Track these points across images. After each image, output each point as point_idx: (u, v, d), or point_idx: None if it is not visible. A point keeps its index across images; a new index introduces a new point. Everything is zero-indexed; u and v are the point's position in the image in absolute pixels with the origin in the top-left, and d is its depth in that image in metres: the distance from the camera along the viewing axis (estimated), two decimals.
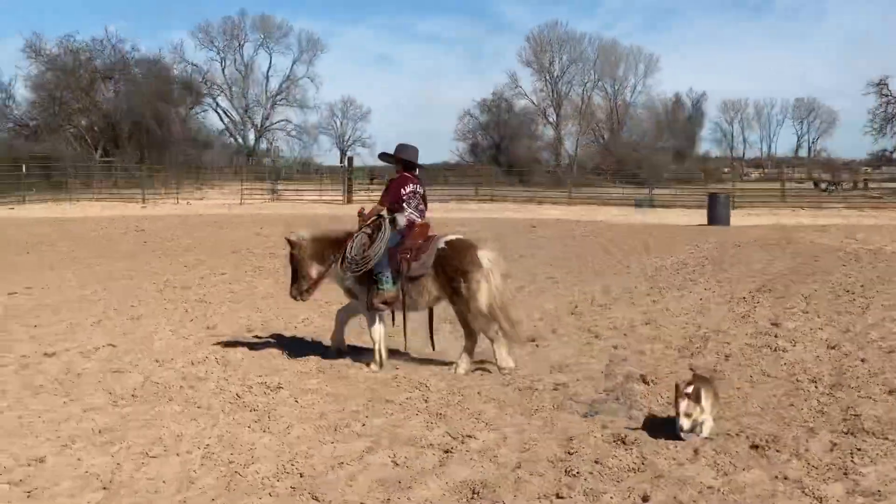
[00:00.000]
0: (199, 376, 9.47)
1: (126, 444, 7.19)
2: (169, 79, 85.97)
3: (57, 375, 9.52)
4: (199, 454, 6.96)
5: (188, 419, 7.92)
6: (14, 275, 18.51)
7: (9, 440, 7.25)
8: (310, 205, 53.48)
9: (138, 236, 29.01)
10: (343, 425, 7.74)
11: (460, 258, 10.05)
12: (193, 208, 48.96)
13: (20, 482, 6.32)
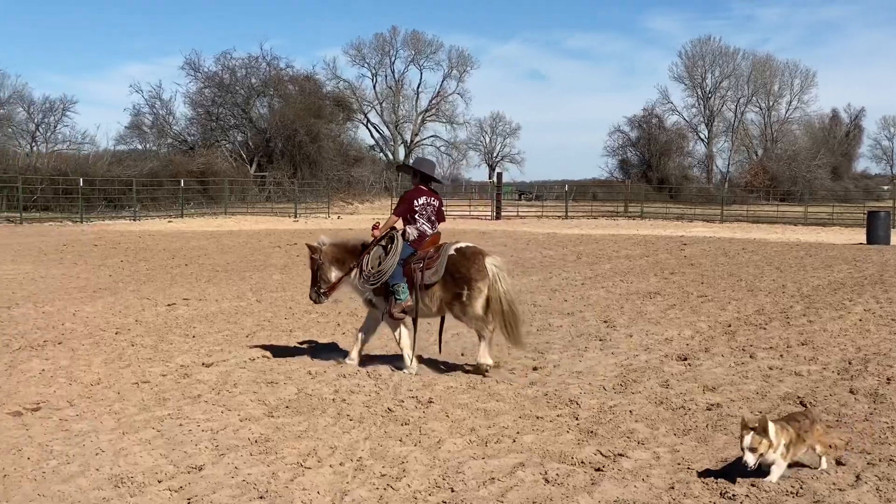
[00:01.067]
0: (351, 389, 9.57)
1: (281, 454, 7.30)
2: (321, 95, 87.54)
3: (214, 385, 9.74)
4: (352, 466, 7.02)
5: (341, 431, 8.00)
6: (174, 286, 19.06)
7: (169, 447, 7.44)
8: (459, 220, 53.70)
9: (290, 250, 29.53)
10: (494, 441, 7.71)
11: (468, 266, 10.62)
12: (344, 223, 49.75)
13: (180, 489, 6.46)
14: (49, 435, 7.85)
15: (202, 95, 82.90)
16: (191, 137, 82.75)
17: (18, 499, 6.23)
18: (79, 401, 9.06)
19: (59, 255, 27.61)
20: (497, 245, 31.12)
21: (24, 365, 10.76)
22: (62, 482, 6.58)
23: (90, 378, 10.04)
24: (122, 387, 9.65)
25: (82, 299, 16.98)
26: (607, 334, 13.07)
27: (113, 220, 51.07)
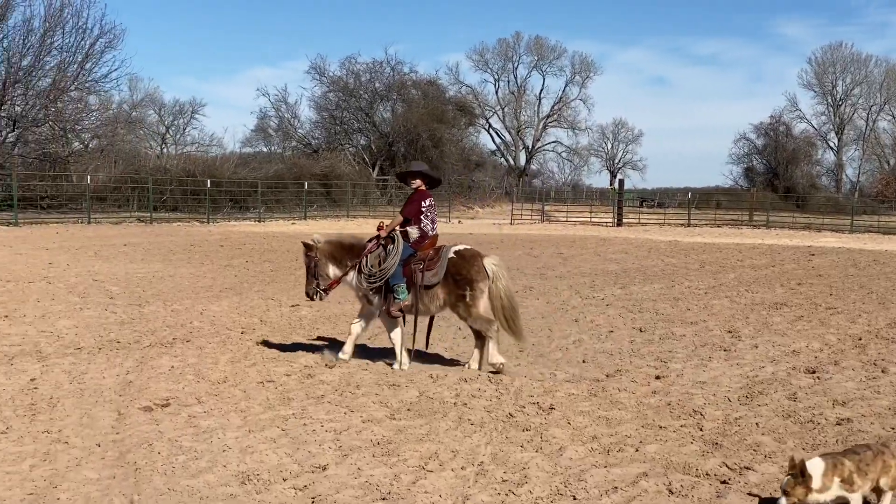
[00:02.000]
0: (472, 394, 9.59)
1: (403, 456, 7.35)
2: (444, 100, 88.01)
3: (337, 386, 9.86)
4: (474, 471, 7.03)
5: (462, 435, 8.02)
6: (297, 288, 19.28)
7: (294, 447, 7.55)
8: (580, 227, 53.47)
9: None
10: (616, 449, 7.65)
11: (468, 267, 11.08)
12: (464, 227, 49.91)
13: (304, 488, 6.55)
14: (178, 431, 8.04)
15: (327, 99, 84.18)
16: (315, 141, 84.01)
17: (149, 492, 6.39)
18: (206, 398, 9.25)
19: (187, 254, 28.24)
20: (618, 252, 30.92)
21: (155, 361, 11.03)
22: (191, 477, 6.73)
23: (217, 376, 10.25)
24: (247, 385, 9.83)
25: (209, 298, 17.34)
26: (732, 345, 12.85)
27: (238, 221, 52.09)
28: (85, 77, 52.70)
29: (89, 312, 15.24)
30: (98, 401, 9.14)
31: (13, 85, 49.86)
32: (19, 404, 8.94)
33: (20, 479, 6.69)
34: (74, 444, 7.62)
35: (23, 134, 51.99)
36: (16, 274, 21.08)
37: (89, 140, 58.32)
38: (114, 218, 47.76)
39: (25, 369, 10.54)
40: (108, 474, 6.84)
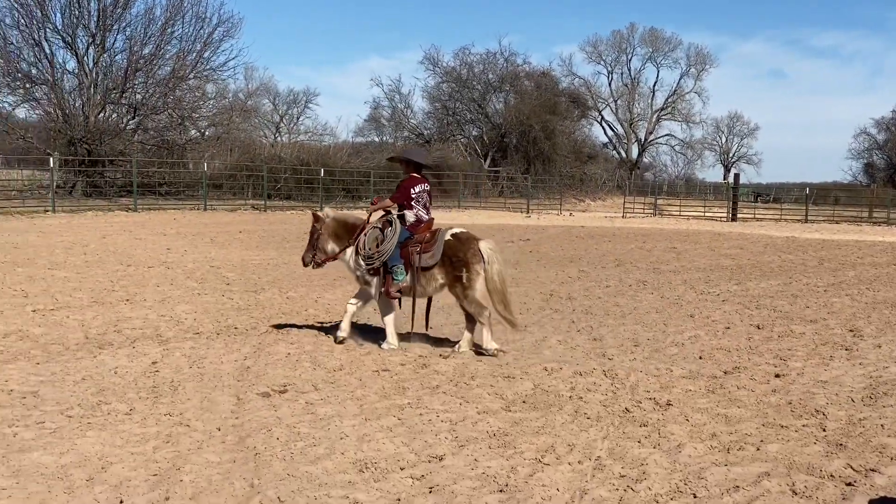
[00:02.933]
0: (587, 387, 9.49)
1: (519, 448, 7.32)
2: (557, 91, 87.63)
3: (452, 377, 9.85)
4: (591, 465, 6.97)
5: (578, 429, 7.95)
6: None
7: (410, 436, 7.57)
8: (693, 221, 52.78)
9: (523, 245, 29.64)
10: (736, 448, 7.50)
11: (464, 250, 11.38)
12: (576, 220, 49.63)
13: (422, 477, 6.56)
14: (296, 417, 8.12)
15: (440, 90, 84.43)
16: (427, 131, 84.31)
17: (269, 477, 6.46)
18: (323, 385, 9.33)
19: (301, 242, 28.48)
20: (733, 248, 30.39)
21: (272, 348, 11.17)
22: (310, 464, 6.79)
23: (333, 363, 10.33)
24: (363, 374, 9.89)
25: (323, 286, 17.52)
26: (854, 344, 12.52)
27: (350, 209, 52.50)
28: (203, 66, 53.63)
29: (207, 298, 15.51)
30: (217, 385, 9.29)
31: (134, 73, 50.93)
32: (142, 387, 9.13)
33: (144, 461, 6.82)
34: (196, 428, 7.75)
35: (142, 121, 53.14)
36: (136, 259, 21.56)
37: (205, 128, 59.35)
38: (229, 205, 48.56)
39: (147, 352, 10.77)
40: (229, 458, 6.94)
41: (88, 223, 34.30)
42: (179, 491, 6.16)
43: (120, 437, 7.41)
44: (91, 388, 9.00)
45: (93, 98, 49.68)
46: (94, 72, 50.24)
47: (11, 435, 7.43)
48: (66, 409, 8.24)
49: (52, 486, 6.23)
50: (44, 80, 49.90)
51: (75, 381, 9.28)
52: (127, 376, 9.55)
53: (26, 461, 6.72)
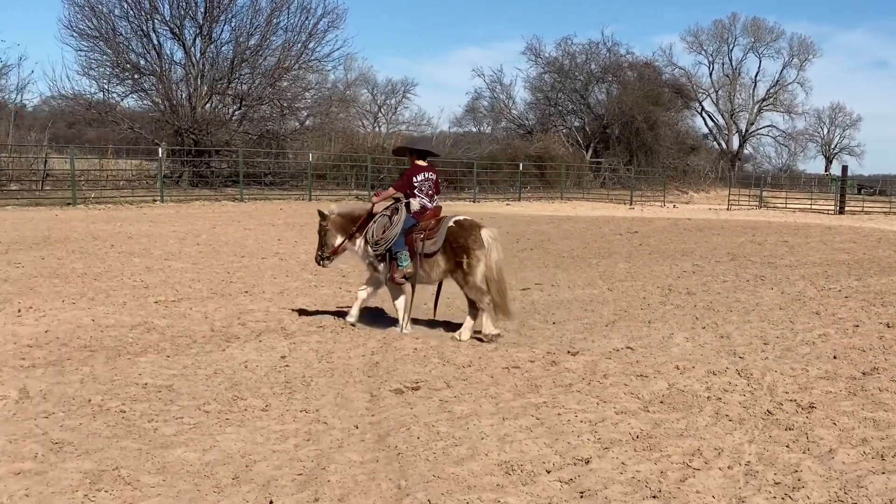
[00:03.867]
0: (723, 388, 9.21)
1: (665, 452, 7.10)
2: (660, 82, 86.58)
3: (584, 375, 9.65)
4: (741, 471, 6.72)
5: (723, 432, 7.70)
6: (523, 271, 19.28)
7: (552, 437, 7.39)
8: (799, 214, 51.73)
9: (632, 238, 29.27)
10: (891, 454, 7.17)
11: (465, 236, 11.72)
12: (680, 212, 48.99)
13: (570, 481, 6.38)
14: (433, 415, 8.00)
15: (542, 80, 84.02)
16: (528, 122, 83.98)
17: (415, 478, 6.34)
18: (455, 382, 9.20)
19: None
20: (845, 242, 29.61)
21: (398, 343, 11.09)
22: (454, 465, 6.65)
23: (461, 360, 10.20)
24: (493, 371, 9.73)
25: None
26: None
27: (453, 200, 52.46)
28: (308, 56, 54.03)
29: (325, 290, 15.53)
30: (349, 381, 9.22)
31: (240, 64, 51.55)
32: (274, 382, 9.11)
33: (288, 459, 6.76)
34: (333, 425, 7.68)
35: (247, 112, 53.72)
36: (249, 250, 21.73)
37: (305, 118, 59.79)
38: (333, 195, 48.79)
39: (274, 346, 10.77)
40: (371, 457, 6.85)
41: (197, 213, 34.74)
42: (328, 492, 6.07)
43: (260, 434, 7.37)
44: (224, 383, 9.00)
45: (199, 89, 50.42)
46: (201, 63, 51.00)
47: (152, 430, 7.43)
48: (203, 403, 8.24)
49: (199, 485, 6.19)
50: (152, 70, 50.78)
51: (207, 376, 9.29)
52: (258, 370, 9.54)
53: (170, 457, 6.71)
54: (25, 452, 6.70)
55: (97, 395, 8.35)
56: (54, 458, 6.63)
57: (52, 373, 9.19)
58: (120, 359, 9.96)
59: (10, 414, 7.72)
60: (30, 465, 6.47)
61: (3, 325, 11.42)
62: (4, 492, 5.91)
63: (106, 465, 6.46)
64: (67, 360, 9.87)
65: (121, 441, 7.07)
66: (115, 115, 51.06)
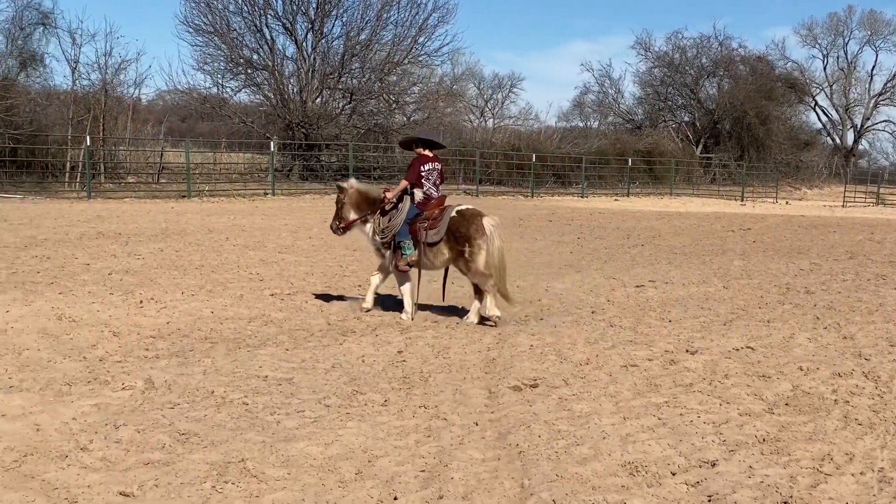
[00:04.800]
0: (850, 390, 8.96)
1: (794, 456, 6.91)
2: (773, 76, 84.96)
3: (703, 374, 9.47)
4: (875, 477, 6.52)
5: (853, 437, 7.48)
6: (635, 267, 19.05)
7: (676, 438, 7.25)
8: None
9: (745, 235, 28.77)
10: None
11: (467, 225, 12.17)
12: (793, 209, 48.02)
13: (697, 484, 6.26)
14: (552, 413, 7.92)
15: (651, 75, 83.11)
16: (637, 117, 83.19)
17: (539, 478, 6.28)
18: (573, 380, 9.11)
19: (518, 229, 28.46)
20: None
21: (513, 339, 11.03)
22: (577, 464, 6.58)
23: (579, 357, 10.09)
24: (611, 369, 9.61)
25: (550, 275, 17.33)
26: None
27: (561, 196, 52.26)
28: (417, 51, 54.18)
29: (436, 285, 15.52)
30: (466, 377, 9.19)
31: (350, 59, 51.95)
32: (392, 377, 9.13)
33: (410, 455, 6.76)
34: (453, 422, 7.65)
35: (356, 106, 54.09)
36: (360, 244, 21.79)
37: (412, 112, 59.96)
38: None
39: (390, 341, 10.80)
40: (492, 455, 6.80)
41: (307, 206, 35.11)
42: (452, 489, 6.05)
43: (381, 430, 7.37)
44: (343, 377, 9.04)
45: (310, 83, 50.93)
46: (312, 57, 51.54)
47: (275, 423, 7.49)
48: (323, 397, 8.28)
49: (323, 479, 6.21)
50: (264, 65, 51.44)
51: (326, 369, 9.35)
52: (375, 365, 9.57)
53: (294, 451, 6.74)
54: (154, 443, 6.81)
55: (220, 387, 8.46)
56: (181, 448, 6.72)
57: (176, 364, 9.34)
58: (240, 351, 10.09)
59: (138, 404, 7.85)
60: (158, 455, 6.57)
61: (126, 317, 11.65)
62: (135, 482, 6.00)
63: (231, 456, 6.52)
64: (189, 351, 10.04)
65: (245, 433, 7.13)
66: (227, 110, 51.93)
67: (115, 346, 10.17)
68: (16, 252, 18.22)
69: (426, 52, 54.90)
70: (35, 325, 10.86)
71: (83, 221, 25.97)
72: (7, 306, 11.82)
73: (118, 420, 7.34)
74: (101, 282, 14.01)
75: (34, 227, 23.63)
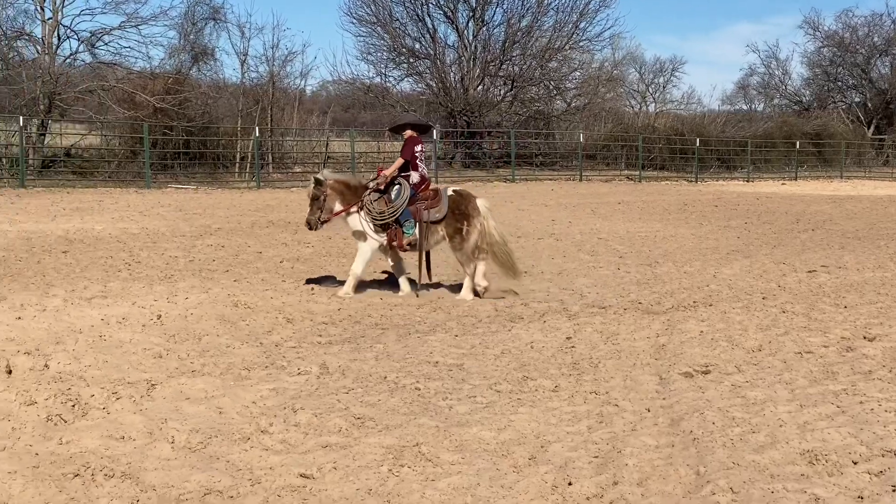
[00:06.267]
0: None
1: None
2: None
3: (883, 361, 9.16)
4: None
5: None
6: (805, 252, 18.58)
7: (856, 426, 6.98)
8: None
9: None
10: None
11: (466, 204, 12.94)
12: None
13: (880, 473, 6.03)
14: (726, 400, 7.79)
15: (820, 55, 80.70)
16: (804, 98, 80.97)
17: (715, 465, 6.18)
18: (745, 367, 8.94)
19: (683, 214, 28.11)
20: None
21: (682, 325, 10.88)
22: (753, 452, 6.45)
23: (750, 343, 9.89)
24: (785, 356, 9.39)
25: (718, 260, 17.05)
26: None
27: (725, 180, 51.34)
28: (579, 37, 53.97)
29: (603, 271, 15.46)
30: (636, 363, 9.12)
31: (511, 46, 52.05)
32: (562, 363, 9.12)
33: (582, 441, 6.74)
34: (625, 408, 7.60)
35: (518, 93, 54.14)
36: (524, 230, 21.90)
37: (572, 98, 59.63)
38: (603, 175, 48.69)
39: (558, 327, 10.79)
40: (666, 442, 6.74)
41: None
42: (626, 475, 6.01)
43: (552, 415, 7.38)
44: (512, 363, 9.08)
45: (472, 71, 51.22)
46: (474, 45, 51.84)
47: (447, 408, 7.57)
48: (494, 383, 8.32)
49: (497, 464, 6.25)
50: (426, 54, 52.05)
51: (495, 355, 9.39)
52: (544, 351, 9.58)
53: (467, 436, 6.80)
54: (330, 426, 6.95)
55: (392, 372, 8.59)
56: (357, 432, 6.85)
57: (348, 349, 9.53)
58: (410, 337, 10.23)
59: (313, 389, 8.04)
60: (335, 438, 6.71)
61: (298, 303, 11.94)
62: (314, 464, 6.15)
63: (406, 441, 6.62)
64: (361, 337, 10.22)
65: (418, 418, 7.23)
66: (390, 99, 52.66)
67: (290, 332, 10.43)
68: (192, 241, 18.88)
69: (587, 38, 54.69)
70: (213, 311, 11.23)
71: (253, 211, 26.73)
72: (186, 293, 12.25)
73: (296, 404, 7.52)
74: (273, 269, 14.40)
75: (208, 217, 24.45)
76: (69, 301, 11.50)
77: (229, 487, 5.74)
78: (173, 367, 8.61)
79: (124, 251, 16.65)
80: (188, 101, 41.81)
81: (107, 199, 28.07)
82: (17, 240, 17.73)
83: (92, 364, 8.40)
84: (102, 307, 11.16)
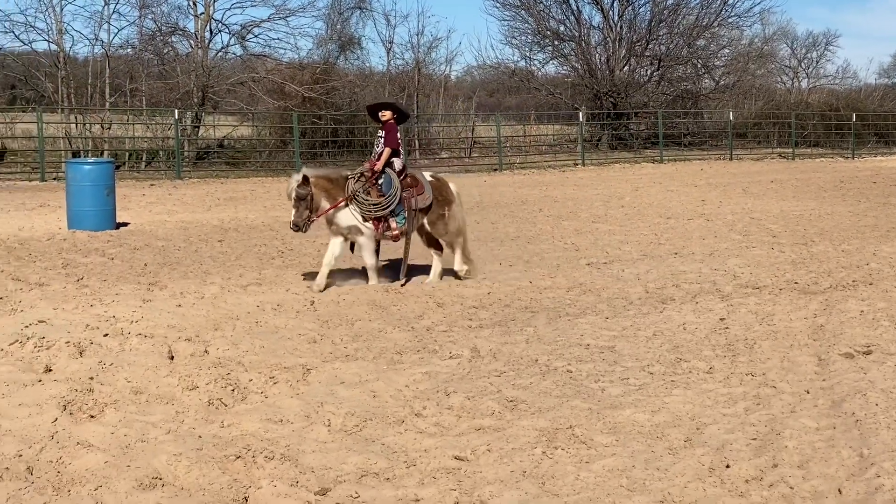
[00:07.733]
0: None
1: None
2: None
3: None
4: None
5: None
6: None
7: None
8: None
9: None
10: None
11: (446, 190, 12.86)
12: None
13: None
14: (889, 381, 7.57)
15: None
16: None
17: (879, 447, 6.00)
18: None
19: (839, 191, 27.30)
20: None
21: (841, 305, 10.60)
22: None
23: None
24: None
25: (878, 238, 16.53)
26: None
27: (884, 156, 49.67)
28: (727, 13, 52.81)
29: (756, 251, 15.13)
30: (793, 344, 8.92)
31: (658, 25, 51.28)
32: (716, 344, 8.98)
33: (739, 423, 6.63)
34: (782, 390, 7.45)
35: (665, 73, 53.35)
36: (673, 211, 21.59)
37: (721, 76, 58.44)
38: (755, 154, 47.61)
39: (711, 308, 10.62)
40: (827, 424, 6.57)
41: (617, 175, 34.95)
42: (786, 458, 5.88)
43: (707, 397, 7.27)
44: (665, 345, 8.97)
45: (617, 52, 50.65)
46: (619, 25, 51.18)
47: (599, 390, 7.53)
48: (646, 365, 8.25)
49: (652, 446, 6.19)
50: (571, 36, 51.58)
51: (647, 337, 9.30)
52: (697, 333, 9.44)
53: (620, 418, 6.75)
54: (483, 409, 6.98)
55: (543, 355, 8.57)
56: (510, 415, 6.86)
57: (499, 333, 9.54)
58: (560, 320, 10.19)
59: (465, 372, 8.08)
60: (488, 421, 6.73)
61: (449, 288, 12.01)
62: (468, 446, 6.18)
63: (559, 423, 6.59)
64: (511, 320, 10.22)
65: (570, 400, 7.20)
66: (535, 82, 52.47)
67: (440, 316, 10.49)
68: None
69: (736, 14, 53.36)
70: (364, 296, 11.37)
71: None
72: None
73: (448, 387, 7.57)
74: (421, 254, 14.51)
75: None
76: (226, 288, 11.79)
77: (385, 469, 5.81)
78: (327, 351, 8.75)
79: (277, 239, 16.96)
80: (336, 89, 42.33)
81: (259, 188, 28.62)
82: (176, 230, 18.22)
83: (249, 349, 8.61)
84: (258, 294, 11.42)
